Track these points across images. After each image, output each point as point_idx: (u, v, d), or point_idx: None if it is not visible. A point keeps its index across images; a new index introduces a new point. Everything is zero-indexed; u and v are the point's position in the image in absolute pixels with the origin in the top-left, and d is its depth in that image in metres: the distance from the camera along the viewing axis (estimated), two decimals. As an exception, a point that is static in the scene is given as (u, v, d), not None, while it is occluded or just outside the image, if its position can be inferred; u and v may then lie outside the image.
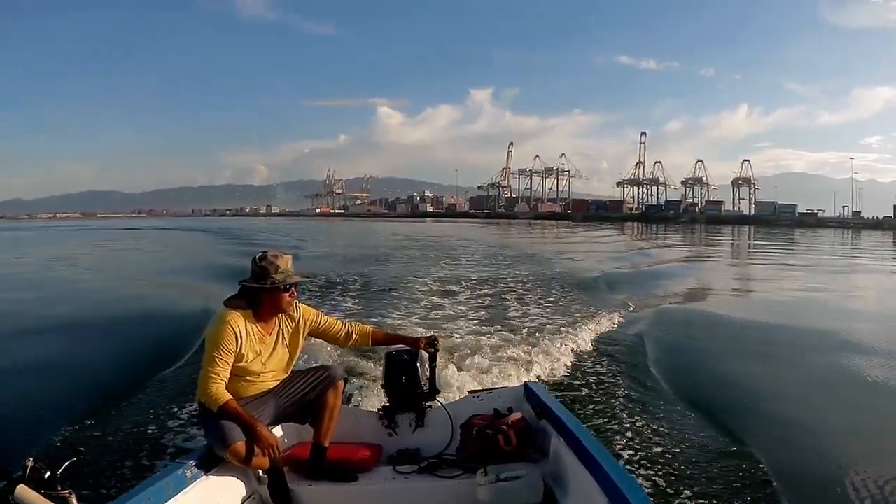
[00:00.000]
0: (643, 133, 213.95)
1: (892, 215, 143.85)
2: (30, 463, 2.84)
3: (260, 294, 4.29)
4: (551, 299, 16.38)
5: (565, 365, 9.46)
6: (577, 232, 77.67)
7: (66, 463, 2.98)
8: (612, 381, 8.73)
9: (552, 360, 9.56)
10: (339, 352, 9.00)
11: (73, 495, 2.87)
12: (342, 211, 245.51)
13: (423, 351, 5.00)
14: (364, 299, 16.45)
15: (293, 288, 4.39)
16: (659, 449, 6.29)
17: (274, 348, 4.43)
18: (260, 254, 4.37)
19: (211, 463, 3.98)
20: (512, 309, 14.93)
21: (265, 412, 4.35)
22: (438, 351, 5.06)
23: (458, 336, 11.32)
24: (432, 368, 5.04)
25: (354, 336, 4.82)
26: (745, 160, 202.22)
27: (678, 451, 6.27)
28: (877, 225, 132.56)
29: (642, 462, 6.01)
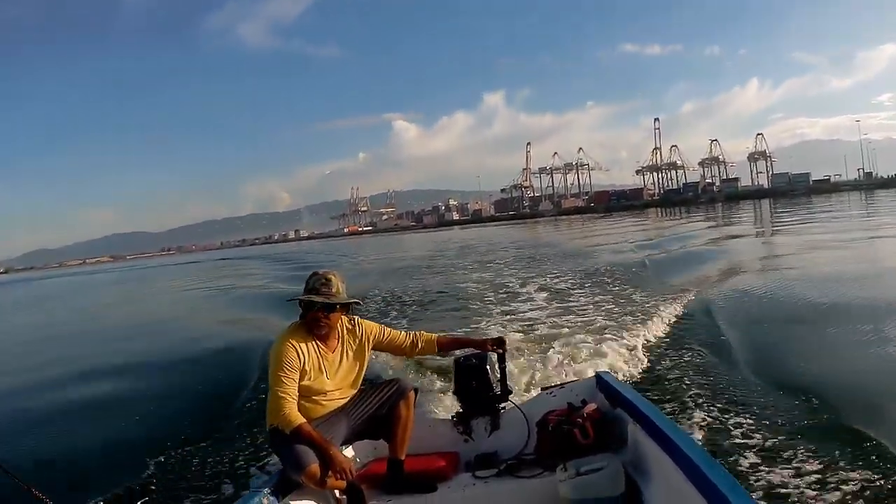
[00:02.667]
0: (656, 119, 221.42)
1: None
2: None
3: (313, 314, 4.28)
4: (604, 290, 16.30)
5: (635, 353, 9.31)
6: (600, 224, 78.41)
7: (141, 501, 2.99)
8: (684, 364, 8.57)
9: (621, 349, 9.42)
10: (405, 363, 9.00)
11: None
12: (370, 228, 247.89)
13: (491, 353, 4.94)
14: (422, 308, 16.57)
15: (340, 308, 4.36)
16: (740, 430, 6.10)
17: (339, 365, 4.42)
18: (312, 273, 4.39)
19: (287, 488, 3.95)
20: (571, 303, 14.85)
21: (337, 432, 4.32)
22: (507, 351, 5.01)
23: (524, 334, 11.25)
24: (502, 369, 4.99)
25: (420, 345, 4.78)
26: (758, 134, 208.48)
27: (760, 431, 6.05)
28: (888, 183, 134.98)
29: (723, 445, 5.84)
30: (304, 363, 4.22)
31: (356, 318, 4.59)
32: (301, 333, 4.30)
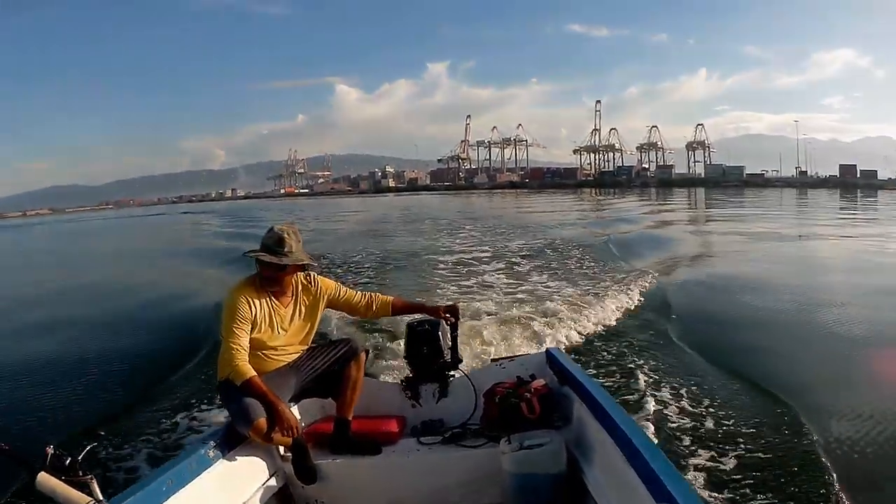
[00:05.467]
0: (598, 101, 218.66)
1: (837, 174, 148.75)
2: (50, 450, 2.81)
3: (266, 271, 4.25)
4: (560, 267, 16.58)
5: (587, 331, 9.45)
6: (533, 199, 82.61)
7: (87, 448, 2.95)
8: (635, 345, 8.74)
9: (574, 327, 9.54)
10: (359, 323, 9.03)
11: (93, 480, 2.83)
12: (306, 190, 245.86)
13: (443, 320, 4.94)
14: (379, 274, 16.61)
15: (292, 268, 4.31)
16: (682, 413, 6.29)
17: (291, 321, 4.38)
18: (269, 228, 4.33)
19: (233, 441, 3.94)
20: (526, 278, 15.04)
21: (286, 388, 4.30)
22: (459, 320, 5.01)
23: (478, 304, 11.31)
24: (454, 337, 4.99)
25: (374, 306, 4.75)
26: (699, 124, 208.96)
27: (701, 413, 6.26)
28: (822, 183, 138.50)
29: (665, 426, 6.00)
30: (256, 315, 4.18)
31: (313, 273, 4.54)
32: (255, 286, 4.25)
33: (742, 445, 5.61)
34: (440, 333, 4.96)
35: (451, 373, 5.01)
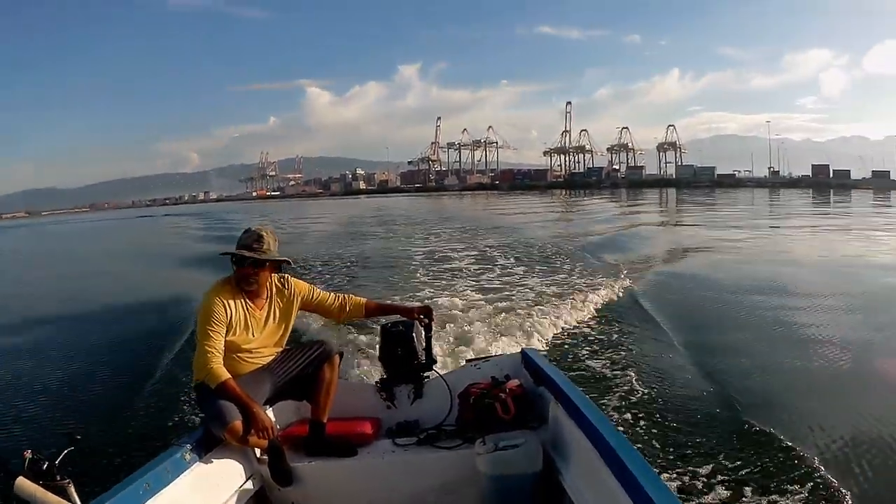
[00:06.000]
0: (568, 103, 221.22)
1: (810, 174, 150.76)
2: (28, 455, 2.83)
3: (243, 270, 4.28)
4: (535, 267, 16.66)
5: (561, 331, 9.53)
6: (503, 201, 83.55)
7: (64, 452, 2.97)
8: (610, 346, 8.83)
9: (549, 327, 9.61)
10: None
11: (71, 484, 2.85)
12: (278, 193, 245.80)
13: (417, 321, 4.96)
14: (351, 276, 16.64)
15: (270, 265, 4.37)
16: (656, 412, 6.36)
17: (265, 323, 4.40)
18: (246, 228, 4.37)
19: (209, 444, 3.94)
20: (500, 277, 15.11)
21: (261, 390, 4.31)
22: (433, 321, 5.05)
23: (451, 305, 11.36)
24: (428, 339, 5.02)
25: (348, 308, 4.79)
26: (669, 126, 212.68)
27: (674, 414, 6.33)
28: (794, 183, 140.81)
29: (641, 426, 6.05)
30: (231, 318, 4.20)
31: (287, 276, 4.57)
32: (229, 288, 4.28)
33: (718, 445, 5.70)
34: (414, 335, 4.95)
35: (426, 374, 5.01)
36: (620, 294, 12.40)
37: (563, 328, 9.70)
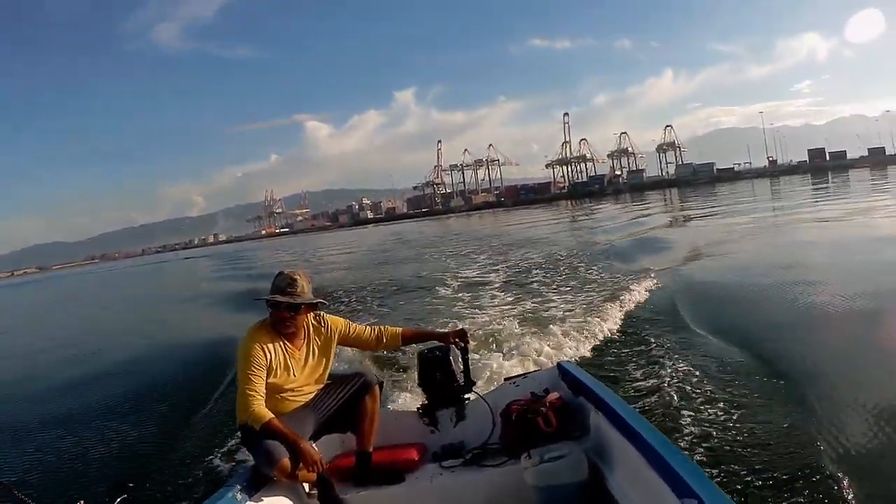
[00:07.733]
0: (566, 114, 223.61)
1: (807, 160, 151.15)
2: None
3: (279, 313, 4.33)
4: (558, 280, 16.68)
5: (595, 341, 9.49)
6: (508, 217, 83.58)
7: (117, 501, 3.03)
8: (644, 351, 8.72)
9: (581, 338, 9.58)
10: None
11: None
12: (287, 229, 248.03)
13: (454, 345, 4.99)
14: (383, 302, 16.77)
15: (305, 308, 4.41)
16: (698, 417, 6.22)
17: (305, 363, 4.47)
18: (279, 272, 4.43)
19: (259, 483, 4.01)
20: (528, 294, 15.06)
21: (306, 426, 4.37)
22: (469, 343, 5.09)
23: (486, 326, 11.37)
24: (465, 361, 5.05)
25: (385, 339, 4.84)
26: (667, 126, 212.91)
27: (720, 417, 6.16)
28: (793, 170, 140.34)
29: (684, 430, 5.95)
30: (271, 361, 4.26)
31: (322, 314, 4.63)
32: (267, 331, 4.34)
33: (764, 442, 5.53)
34: (451, 358, 5.00)
35: (467, 396, 5.05)
36: (645, 298, 12.35)
37: (594, 337, 9.64)
